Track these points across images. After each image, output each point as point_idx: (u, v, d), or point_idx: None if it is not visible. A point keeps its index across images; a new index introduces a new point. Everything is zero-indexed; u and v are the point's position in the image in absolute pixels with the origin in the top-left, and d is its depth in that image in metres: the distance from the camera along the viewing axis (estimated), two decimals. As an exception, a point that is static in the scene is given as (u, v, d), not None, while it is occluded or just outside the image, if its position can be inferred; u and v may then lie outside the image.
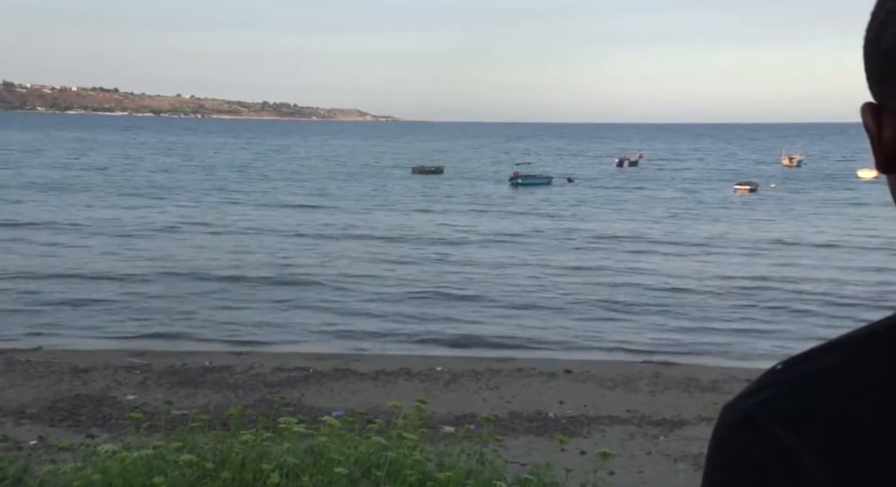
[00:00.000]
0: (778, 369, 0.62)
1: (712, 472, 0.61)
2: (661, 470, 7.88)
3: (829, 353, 0.61)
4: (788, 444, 0.57)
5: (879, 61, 0.65)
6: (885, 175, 0.68)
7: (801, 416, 0.58)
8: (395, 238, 28.19)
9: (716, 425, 0.62)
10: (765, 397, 0.60)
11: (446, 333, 15.37)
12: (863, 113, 0.67)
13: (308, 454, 4.35)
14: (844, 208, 38.60)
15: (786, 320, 16.62)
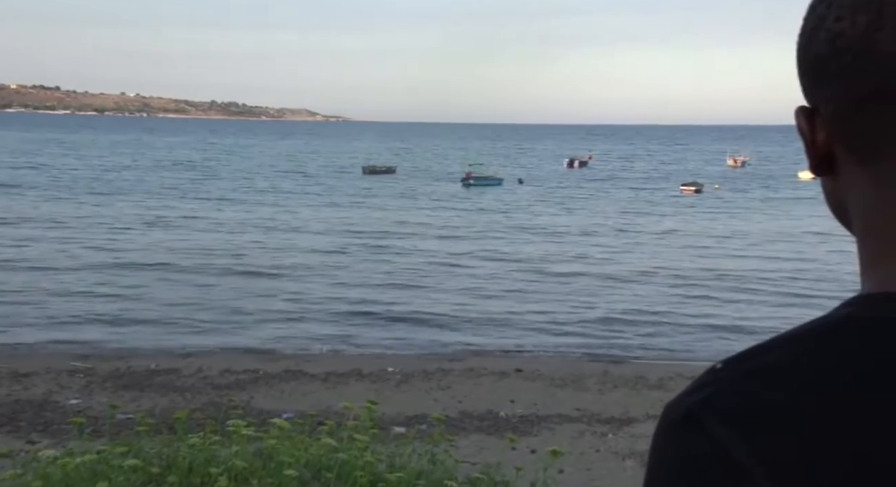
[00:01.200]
0: (718, 368, 0.63)
1: (654, 470, 0.62)
2: (609, 468, 7.99)
3: (768, 352, 0.61)
4: (728, 442, 0.57)
5: (811, 67, 0.66)
6: (819, 176, 0.70)
7: (740, 414, 0.58)
8: (343, 235, 28.08)
9: (658, 423, 0.63)
10: (705, 396, 0.60)
11: (398, 333, 15.35)
12: (797, 116, 0.69)
13: (257, 457, 4.30)
14: (782, 206, 39.70)
15: (732, 316, 16.96)
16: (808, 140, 0.68)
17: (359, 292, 18.94)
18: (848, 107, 0.64)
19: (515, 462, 5.20)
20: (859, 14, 0.62)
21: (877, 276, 0.64)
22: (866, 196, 0.65)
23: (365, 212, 36.44)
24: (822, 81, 0.65)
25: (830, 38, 0.64)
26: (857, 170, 0.65)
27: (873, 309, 0.61)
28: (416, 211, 37.26)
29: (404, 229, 30.53)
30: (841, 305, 0.63)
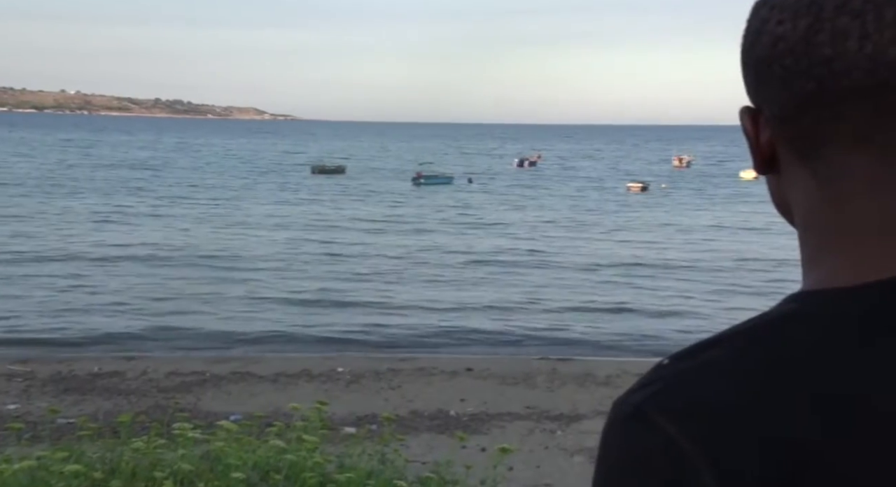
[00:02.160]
0: (665, 363, 0.63)
1: (603, 465, 0.62)
2: (558, 464, 8.06)
3: (713, 347, 0.62)
4: (674, 437, 0.58)
5: (754, 68, 0.67)
6: (764, 175, 0.71)
7: (686, 410, 0.59)
8: (292, 233, 27.84)
9: (606, 420, 0.63)
10: (652, 391, 0.61)
11: (348, 333, 15.26)
12: (741, 116, 0.70)
13: (204, 460, 4.23)
14: (723, 204, 40.62)
15: (678, 311, 17.26)
16: (753, 139, 0.69)
17: (307, 291, 18.78)
18: (789, 108, 0.65)
19: (465, 460, 5.21)
20: (799, 18, 0.63)
21: (818, 272, 0.65)
22: (808, 194, 0.66)
23: (314, 209, 36.22)
24: (764, 83, 0.66)
25: (772, 41, 0.65)
26: (798, 169, 0.67)
27: (815, 305, 0.63)
28: (366, 209, 37.14)
29: (353, 226, 30.44)
30: (784, 301, 0.64)
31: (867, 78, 0.61)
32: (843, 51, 0.61)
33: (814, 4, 0.62)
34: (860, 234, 0.63)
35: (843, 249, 0.64)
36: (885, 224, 0.63)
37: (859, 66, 0.61)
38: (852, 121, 0.62)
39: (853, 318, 0.60)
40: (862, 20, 0.60)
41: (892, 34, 0.60)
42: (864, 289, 0.61)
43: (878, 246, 0.63)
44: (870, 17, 0.60)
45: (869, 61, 0.60)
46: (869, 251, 0.63)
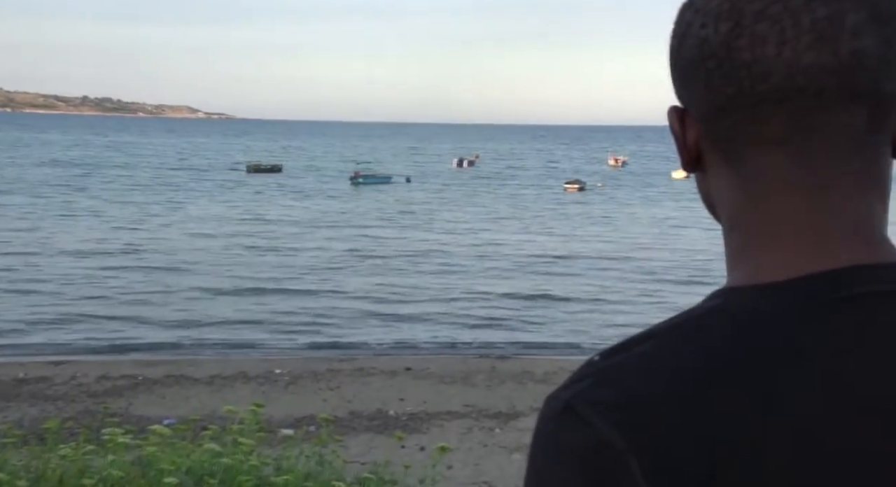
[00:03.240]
0: (595, 359, 0.64)
1: (535, 461, 0.63)
2: (496, 462, 8.12)
3: (642, 343, 0.63)
4: (604, 432, 0.58)
5: (680, 70, 0.68)
6: (693, 173, 0.72)
7: (615, 405, 0.59)
8: (226, 232, 27.41)
9: (538, 416, 0.64)
10: (583, 387, 0.62)
11: (284, 334, 15.08)
12: (669, 116, 0.71)
13: (135, 466, 4.12)
14: (655, 202, 41.58)
15: (614, 309, 17.54)
16: (680, 139, 0.70)
17: (241, 290, 18.51)
18: (712, 110, 0.66)
19: (405, 460, 5.20)
20: (721, 22, 0.64)
21: (741, 269, 0.66)
22: (731, 193, 0.68)
23: (247, 208, 35.75)
24: (689, 85, 0.67)
25: (696, 43, 0.66)
26: (722, 168, 0.68)
27: (737, 301, 0.64)
28: (302, 208, 36.80)
29: (286, 225, 30.13)
30: (709, 297, 0.65)
31: (784, 82, 0.62)
32: (761, 56, 0.62)
33: (734, 9, 0.63)
34: (780, 233, 0.65)
35: (765, 247, 0.65)
36: (802, 223, 0.64)
37: (777, 70, 0.62)
38: (770, 123, 0.64)
39: (774, 314, 0.61)
40: (780, 26, 0.62)
41: (808, 40, 0.61)
42: (785, 286, 0.62)
43: (797, 244, 0.64)
44: (787, 23, 0.62)
45: (786, 66, 0.62)
46: (788, 249, 0.64)
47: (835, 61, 0.61)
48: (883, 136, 0.65)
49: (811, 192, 0.64)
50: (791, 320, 0.61)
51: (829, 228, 0.64)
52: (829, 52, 0.61)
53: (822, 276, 0.62)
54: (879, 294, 0.62)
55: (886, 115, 0.65)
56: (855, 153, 0.64)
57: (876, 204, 0.66)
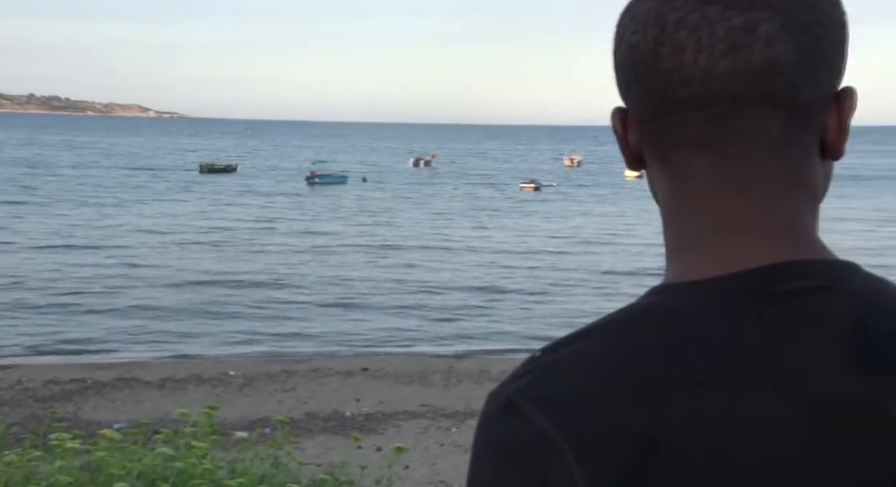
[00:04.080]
0: (536, 356, 0.65)
1: (477, 455, 0.64)
2: (453, 461, 8.13)
3: (581, 339, 0.64)
4: (543, 427, 0.60)
5: (619, 73, 0.70)
6: (644, 171, 0.74)
7: (553, 399, 0.61)
8: (179, 234, 27.01)
9: (481, 412, 0.65)
10: (524, 383, 0.63)
11: (239, 335, 14.91)
12: (612, 117, 0.73)
13: (84, 471, 4.04)
14: (609, 201, 42.08)
15: (570, 307, 17.69)
16: (622, 140, 0.72)
17: (195, 292, 18.25)
18: (645, 113, 0.68)
19: (361, 460, 5.17)
20: (649, 29, 0.66)
21: (676, 266, 0.68)
22: (666, 193, 0.70)
23: (199, 208, 35.28)
24: (626, 88, 0.69)
25: (629, 49, 0.68)
26: (658, 169, 0.70)
27: (673, 298, 0.66)
28: (256, 208, 36.44)
29: (241, 225, 29.81)
30: (646, 294, 0.67)
31: (701, 89, 0.64)
32: (680, 63, 0.64)
33: (659, 17, 0.66)
34: (710, 232, 0.67)
35: (696, 245, 0.68)
36: (731, 222, 0.67)
37: (694, 77, 0.64)
38: (693, 127, 0.66)
39: (706, 310, 0.63)
40: (697, 35, 0.64)
41: (722, 48, 0.63)
42: (716, 282, 0.64)
43: (727, 242, 0.66)
44: (704, 31, 0.64)
45: (702, 73, 0.64)
46: (719, 247, 0.66)
47: (748, 68, 0.64)
48: (806, 139, 0.67)
49: (737, 194, 0.67)
50: (723, 316, 0.63)
51: (757, 227, 0.66)
52: (743, 59, 0.63)
53: (753, 273, 0.64)
54: (808, 289, 0.64)
55: (807, 120, 0.67)
56: (776, 156, 0.66)
57: (803, 204, 0.68)
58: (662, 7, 0.65)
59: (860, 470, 0.60)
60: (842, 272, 0.66)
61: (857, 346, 0.62)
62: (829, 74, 0.67)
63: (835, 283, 0.64)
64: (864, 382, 0.61)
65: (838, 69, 0.68)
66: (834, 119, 0.68)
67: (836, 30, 0.67)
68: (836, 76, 0.68)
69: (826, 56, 0.66)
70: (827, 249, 0.68)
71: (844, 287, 0.64)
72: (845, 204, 36.65)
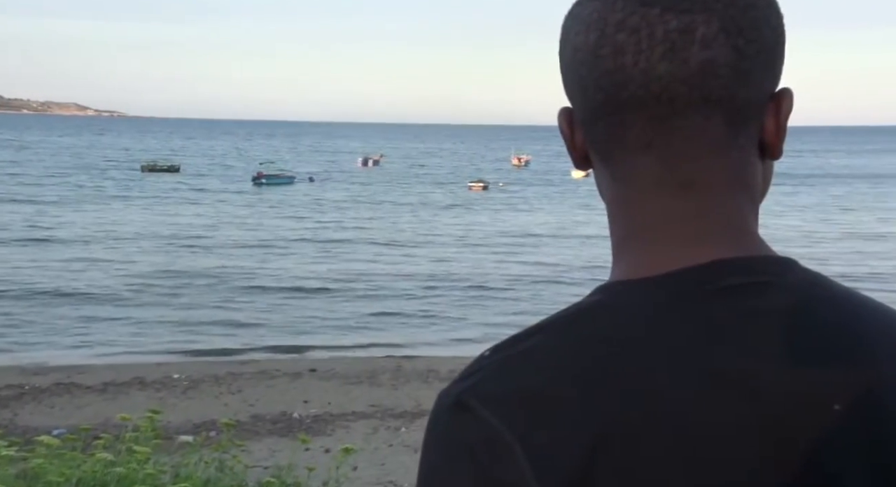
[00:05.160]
0: (486, 355, 0.66)
1: (427, 455, 0.64)
2: (402, 461, 8.12)
3: (532, 336, 0.65)
4: (493, 425, 0.60)
5: (564, 74, 0.71)
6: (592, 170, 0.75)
7: (503, 397, 0.61)
8: (116, 236, 26.45)
9: (431, 411, 0.65)
10: (473, 382, 0.63)
11: (183, 336, 14.65)
12: (559, 117, 0.73)
13: (20, 479, 3.92)
14: (555, 200, 42.57)
15: (510, 308, 17.81)
16: (569, 139, 0.73)
17: (134, 294, 17.88)
18: (588, 114, 0.69)
19: (309, 462, 5.13)
20: (590, 31, 0.67)
21: (620, 265, 0.70)
22: (609, 192, 0.72)
23: (139, 210, 34.64)
24: (570, 89, 0.71)
25: (572, 50, 0.69)
26: (602, 169, 0.72)
27: (616, 295, 0.67)
28: (199, 208, 35.88)
29: (182, 225, 29.32)
30: (592, 292, 0.68)
31: (641, 90, 0.65)
32: (621, 65, 0.65)
33: (601, 19, 0.66)
34: (653, 231, 0.68)
35: (640, 244, 0.69)
36: (673, 221, 0.68)
37: (634, 79, 0.65)
38: (635, 128, 0.67)
39: (649, 308, 0.64)
40: (637, 37, 0.65)
41: (661, 51, 0.64)
42: (660, 280, 0.66)
43: (670, 241, 0.68)
44: (643, 33, 0.65)
45: (642, 75, 0.65)
46: (662, 245, 0.68)
47: (686, 70, 0.64)
48: (745, 140, 0.68)
49: (678, 193, 0.68)
50: (667, 313, 0.64)
51: (700, 225, 0.67)
52: (681, 61, 0.64)
53: (696, 270, 0.65)
54: (749, 285, 0.65)
55: (746, 121, 0.68)
56: (715, 155, 0.67)
57: (744, 203, 0.69)
58: (603, 9, 0.66)
59: (797, 462, 0.61)
60: (781, 267, 0.67)
61: (794, 340, 0.64)
62: (766, 76, 0.68)
63: (774, 279, 0.66)
64: (801, 375, 0.63)
65: (775, 71, 0.69)
66: (772, 120, 0.69)
67: (773, 33, 0.68)
68: (773, 78, 0.69)
69: (762, 58, 0.67)
70: (767, 246, 0.69)
71: (783, 282, 0.66)
72: (781, 200, 37.78)
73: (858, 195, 46.49)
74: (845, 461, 0.62)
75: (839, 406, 0.62)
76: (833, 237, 28.82)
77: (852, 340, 0.65)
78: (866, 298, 0.70)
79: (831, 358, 0.64)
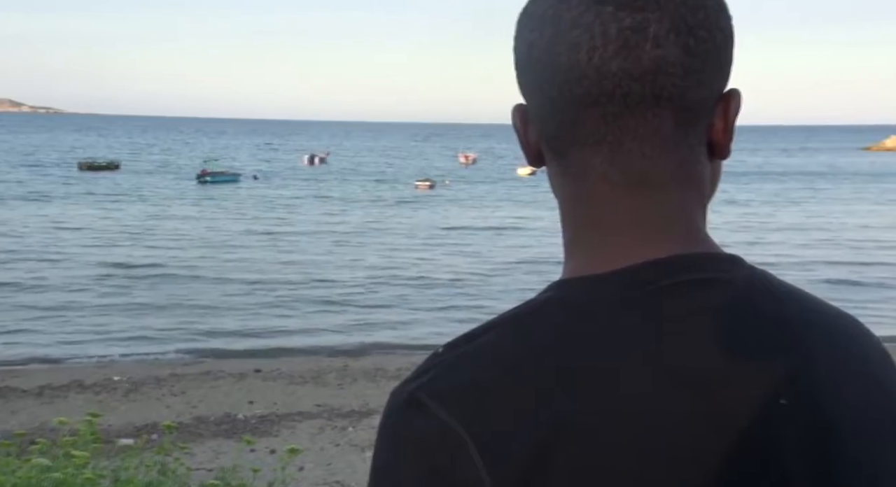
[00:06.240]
0: (439, 352, 0.66)
1: (380, 453, 0.64)
2: (349, 460, 8.08)
3: (481, 335, 0.65)
4: (447, 422, 0.61)
5: (519, 71, 0.72)
6: (539, 168, 0.76)
7: (456, 394, 0.62)
8: (51, 237, 25.75)
9: (384, 409, 0.66)
10: (426, 379, 0.64)
11: (120, 338, 14.32)
12: (513, 114, 0.74)
13: (-49, 487, 3.78)
14: (502, 199, 42.82)
15: (465, 305, 17.86)
16: (522, 136, 0.74)
17: (73, 297, 17.42)
18: (542, 110, 0.70)
19: (254, 464, 5.06)
20: (545, 27, 0.68)
21: (572, 262, 0.71)
22: (562, 189, 0.72)
23: (74, 208, 33.78)
24: (525, 85, 0.71)
25: (526, 46, 0.69)
26: (555, 166, 0.72)
27: (569, 291, 0.68)
28: (137, 207, 35.14)
29: (120, 225, 28.70)
30: (545, 289, 0.69)
31: (594, 87, 0.66)
32: (575, 61, 0.66)
33: (556, 16, 0.67)
34: (602, 227, 0.69)
35: (592, 240, 0.70)
36: (624, 218, 0.69)
37: (588, 75, 0.66)
38: (588, 124, 0.68)
39: (602, 304, 0.65)
40: (590, 33, 0.65)
41: (615, 48, 0.65)
42: (612, 276, 0.67)
43: (621, 237, 0.69)
44: (597, 30, 0.65)
45: (595, 71, 0.66)
46: (613, 242, 0.69)
47: (638, 68, 0.65)
48: (694, 138, 0.69)
49: (629, 190, 0.68)
50: (618, 310, 0.65)
51: (650, 222, 0.68)
52: (633, 59, 0.65)
53: (646, 267, 0.66)
54: (697, 282, 0.66)
55: (696, 120, 0.69)
56: (666, 153, 0.68)
57: (693, 201, 0.70)
58: (558, 6, 0.67)
59: (745, 456, 0.62)
60: (727, 264, 0.69)
61: (739, 335, 0.65)
62: (715, 76, 0.69)
63: (721, 275, 0.67)
64: (746, 369, 0.64)
65: (724, 71, 0.70)
66: (720, 119, 0.70)
67: (722, 33, 0.69)
68: (722, 78, 0.70)
69: (712, 58, 0.68)
70: (714, 243, 0.71)
71: (730, 278, 0.67)
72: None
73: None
74: (789, 453, 0.64)
75: (783, 401, 0.64)
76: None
77: (793, 334, 0.68)
78: (806, 294, 0.73)
79: (774, 352, 0.66)
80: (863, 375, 0.70)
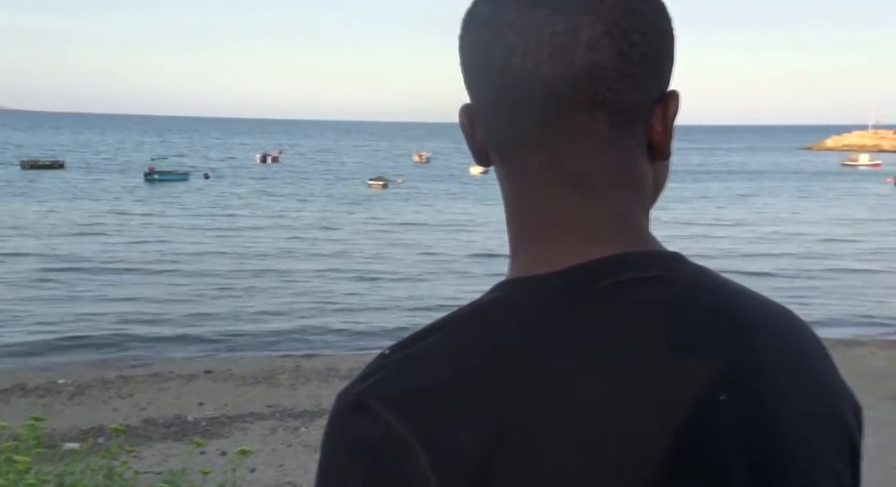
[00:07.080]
0: (385, 354, 0.66)
1: (327, 456, 0.64)
2: (301, 461, 8.02)
3: (428, 336, 0.65)
4: (392, 423, 0.60)
5: (463, 71, 0.72)
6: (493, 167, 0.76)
7: (402, 397, 0.62)
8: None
9: (331, 411, 0.65)
10: (373, 382, 0.64)
11: (67, 340, 13.98)
12: (460, 114, 0.74)
13: None
14: (457, 197, 42.91)
15: (421, 303, 17.85)
16: (469, 136, 0.74)
17: (18, 291, 16.97)
18: (484, 112, 0.71)
19: (204, 466, 4.99)
20: (484, 30, 0.68)
21: (516, 263, 0.71)
22: (506, 190, 0.72)
23: (14, 207, 32.91)
24: (469, 86, 0.72)
25: (469, 48, 0.70)
26: (499, 166, 0.72)
27: (514, 292, 0.68)
28: (82, 206, 34.36)
29: (62, 226, 28.01)
30: (490, 289, 0.69)
31: (529, 91, 0.66)
32: (511, 65, 0.66)
33: (493, 19, 0.67)
34: (545, 228, 0.70)
35: (535, 241, 0.70)
36: (565, 218, 0.69)
37: (523, 79, 0.66)
38: (525, 128, 0.68)
39: (546, 304, 0.66)
40: (525, 38, 0.66)
41: (547, 52, 0.65)
42: (555, 276, 0.67)
43: (563, 237, 0.69)
44: (531, 34, 0.65)
45: (530, 76, 0.66)
46: (556, 242, 0.69)
47: (571, 73, 0.65)
48: (632, 141, 0.70)
49: (569, 191, 0.69)
50: (563, 309, 0.65)
51: (591, 222, 0.69)
52: (566, 63, 0.65)
53: (588, 266, 0.67)
54: (640, 280, 0.67)
55: (632, 122, 0.69)
56: (603, 154, 0.69)
57: (634, 201, 0.71)
58: (497, 9, 0.67)
59: (689, 453, 0.63)
60: (669, 262, 0.69)
61: (682, 332, 0.66)
62: (652, 79, 0.69)
63: (664, 273, 0.68)
64: (689, 365, 0.65)
65: (662, 74, 0.70)
66: (659, 121, 0.70)
67: (659, 36, 0.69)
68: (660, 80, 0.70)
69: (648, 61, 0.68)
70: (657, 241, 0.71)
71: (672, 276, 0.68)
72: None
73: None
74: (730, 450, 0.64)
75: (724, 396, 0.65)
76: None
77: (735, 330, 0.68)
78: (746, 289, 0.74)
79: (716, 348, 0.67)
80: (802, 368, 0.71)
